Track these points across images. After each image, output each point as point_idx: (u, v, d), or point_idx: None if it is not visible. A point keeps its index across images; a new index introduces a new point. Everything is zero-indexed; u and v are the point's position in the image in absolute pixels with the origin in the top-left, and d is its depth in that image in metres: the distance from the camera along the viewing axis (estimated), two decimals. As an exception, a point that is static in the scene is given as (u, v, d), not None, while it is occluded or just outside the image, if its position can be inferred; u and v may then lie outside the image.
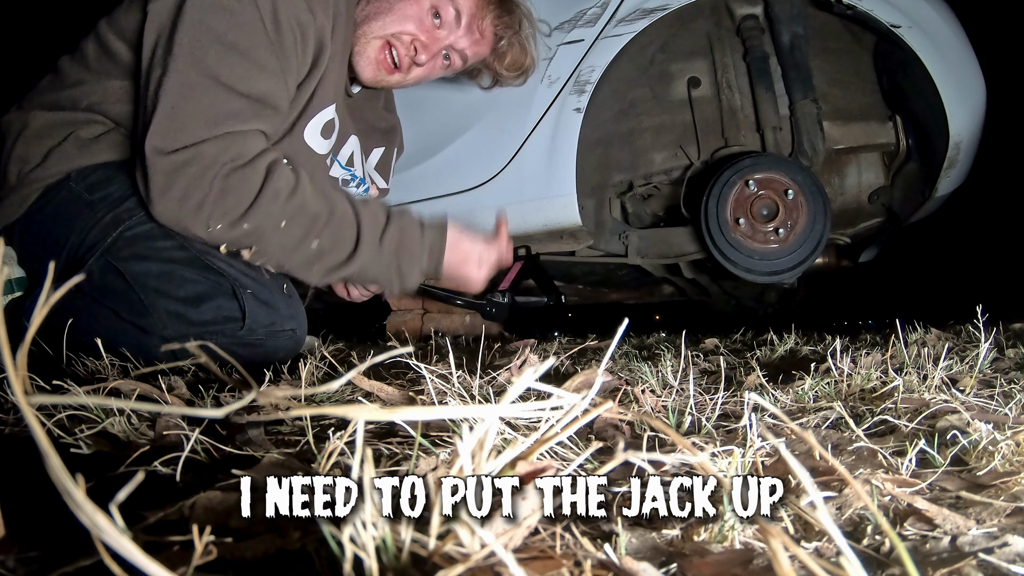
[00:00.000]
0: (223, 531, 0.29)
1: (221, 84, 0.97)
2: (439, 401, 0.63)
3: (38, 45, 2.92)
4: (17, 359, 0.23)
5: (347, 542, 0.24)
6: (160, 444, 0.51)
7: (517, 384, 0.28)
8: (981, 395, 0.71)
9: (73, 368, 0.90)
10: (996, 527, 0.37)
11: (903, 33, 1.56)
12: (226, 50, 0.97)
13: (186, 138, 0.96)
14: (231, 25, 0.97)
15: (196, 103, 0.96)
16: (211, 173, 0.98)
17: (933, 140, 1.68)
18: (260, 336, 1.09)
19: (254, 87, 1.00)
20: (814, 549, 0.35)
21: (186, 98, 0.96)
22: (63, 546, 0.30)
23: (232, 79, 0.98)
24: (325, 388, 0.27)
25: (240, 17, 0.97)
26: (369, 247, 1.12)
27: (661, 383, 0.79)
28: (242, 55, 0.98)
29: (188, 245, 1.07)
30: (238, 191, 1.01)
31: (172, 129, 0.96)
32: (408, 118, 1.75)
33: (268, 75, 1.01)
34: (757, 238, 1.64)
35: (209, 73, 0.96)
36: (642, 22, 1.63)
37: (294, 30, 1.02)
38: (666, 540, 0.36)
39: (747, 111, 1.80)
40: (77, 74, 1.13)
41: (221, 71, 0.97)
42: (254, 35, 0.98)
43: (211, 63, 0.96)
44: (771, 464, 0.47)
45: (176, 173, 0.97)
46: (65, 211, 1.11)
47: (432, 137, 1.79)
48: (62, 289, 0.25)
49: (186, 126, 0.96)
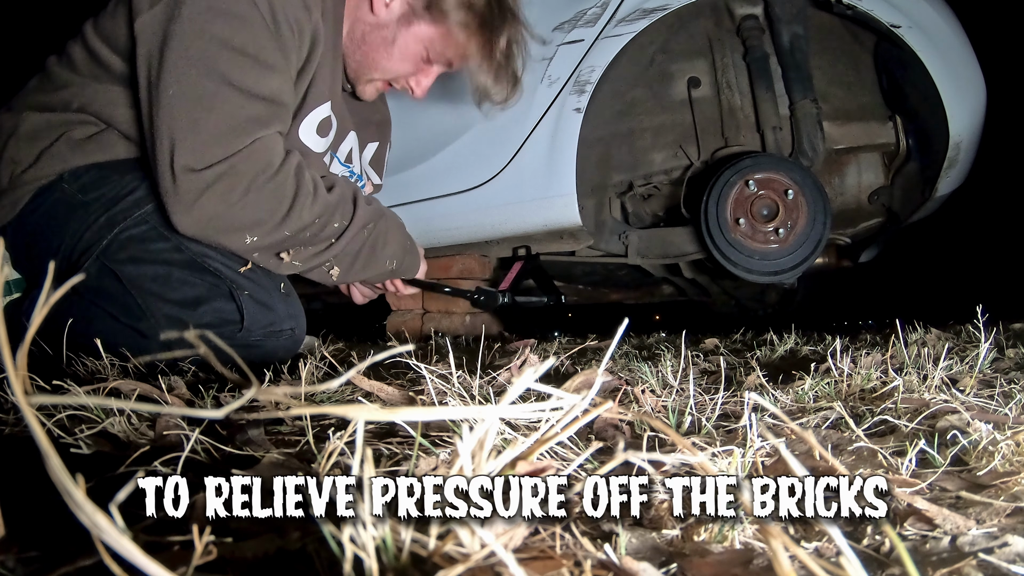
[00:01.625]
0: (223, 531, 0.29)
1: (237, 89, 0.97)
2: (439, 401, 0.63)
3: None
4: (17, 359, 0.23)
5: (347, 542, 0.24)
6: (160, 444, 0.51)
7: (517, 384, 0.28)
8: (981, 395, 0.71)
9: (73, 368, 0.90)
10: (996, 527, 0.37)
11: (903, 33, 1.56)
12: (236, 54, 0.96)
13: (217, 153, 0.96)
14: (235, 29, 0.96)
15: (218, 113, 0.96)
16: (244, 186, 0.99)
17: (933, 140, 1.68)
18: (259, 337, 1.09)
19: (267, 87, 1.00)
20: (814, 549, 0.35)
21: (206, 109, 0.95)
22: (63, 546, 0.30)
23: (247, 82, 0.98)
24: (325, 387, 0.27)
25: (241, 19, 0.97)
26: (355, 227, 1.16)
27: (661, 383, 0.79)
28: (251, 57, 0.98)
29: (184, 247, 1.07)
30: (274, 200, 1.02)
31: (199, 144, 0.95)
32: (408, 118, 1.75)
33: (276, 73, 1.02)
34: (757, 238, 1.64)
35: (224, 79, 0.96)
36: (642, 22, 1.63)
37: (292, 27, 1.02)
38: (666, 540, 0.36)
39: (747, 111, 1.80)
40: (66, 76, 1.12)
41: (235, 76, 0.96)
42: (258, 35, 0.98)
43: (224, 69, 0.96)
44: (771, 464, 0.47)
45: (210, 191, 0.97)
46: (58, 213, 1.10)
47: (432, 137, 1.79)
48: (62, 288, 0.25)
49: (214, 140, 0.96)
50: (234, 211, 1.00)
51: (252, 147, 1.00)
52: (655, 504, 0.37)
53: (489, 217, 1.79)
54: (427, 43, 1.21)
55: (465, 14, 1.16)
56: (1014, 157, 2.72)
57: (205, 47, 0.95)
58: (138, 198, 1.09)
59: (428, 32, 1.19)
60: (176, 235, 1.07)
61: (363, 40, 1.21)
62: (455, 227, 1.84)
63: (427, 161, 1.82)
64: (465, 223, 1.82)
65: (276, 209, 1.03)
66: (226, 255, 1.09)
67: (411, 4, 1.18)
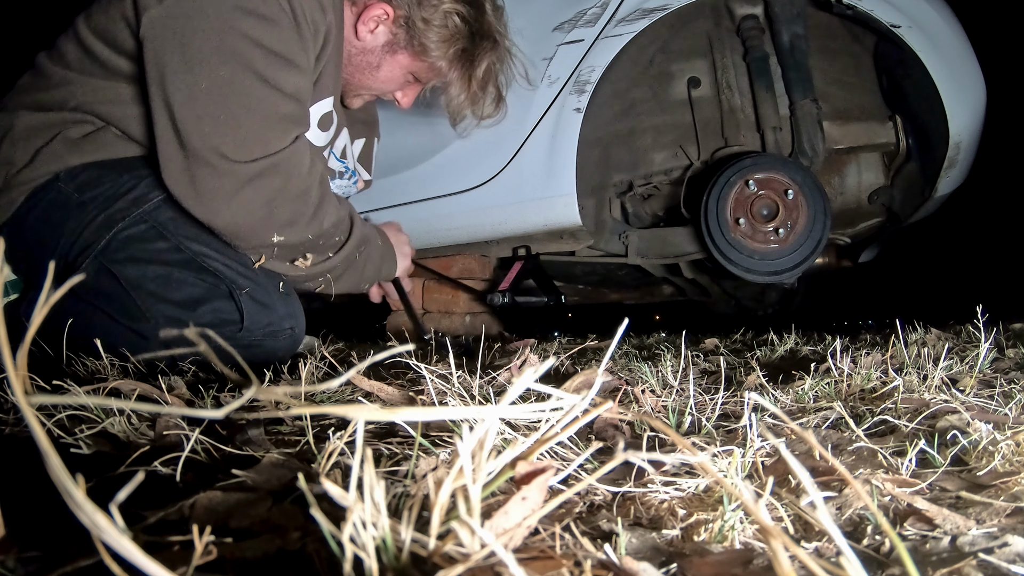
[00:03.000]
0: (223, 531, 0.29)
1: (272, 87, 0.99)
2: (439, 401, 0.63)
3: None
4: (17, 359, 0.23)
5: (347, 542, 0.24)
6: (160, 444, 0.51)
7: (517, 384, 0.28)
8: (981, 395, 0.71)
9: (73, 368, 0.90)
10: (996, 527, 0.37)
11: (903, 33, 1.55)
12: (267, 52, 0.98)
13: (259, 149, 0.99)
14: (265, 28, 0.98)
15: (256, 110, 0.98)
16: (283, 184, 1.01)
17: (933, 140, 1.67)
18: (258, 337, 1.09)
19: (294, 85, 1.03)
20: (814, 549, 0.35)
21: (244, 105, 0.97)
22: (63, 546, 0.30)
23: (279, 81, 1.00)
24: (325, 387, 0.27)
25: (269, 20, 0.98)
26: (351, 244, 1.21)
27: (661, 383, 0.79)
28: (280, 56, 1.00)
29: (184, 246, 1.07)
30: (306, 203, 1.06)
31: (241, 138, 0.97)
32: (407, 118, 1.75)
33: (301, 72, 1.04)
34: (757, 238, 1.64)
35: (260, 77, 0.98)
36: (642, 22, 1.63)
37: (310, 27, 1.04)
38: (666, 540, 0.36)
39: (747, 111, 1.80)
40: (60, 74, 1.11)
41: (269, 73, 0.99)
42: (285, 34, 1.00)
43: (259, 67, 0.98)
44: (771, 464, 0.47)
45: (251, 185, 0.99)
46: (55, 213, 1.09)
47: (432, 137, 1.78)
48: (63, 288, 0.25)
49: (255, 136, 0.98)
50: (272, 207, 1.02)
51: (294, 146, 1.03)
52: (655, 504, 0.37)
53: (489, 217, 1.79)
54: (411, 70, 1.26)
55: (446, 50, 1.20)
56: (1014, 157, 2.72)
57: (237, 44, 0.96)
58: (136, 197, 1.08)
59: (411, 63, 1.24)
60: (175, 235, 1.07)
61: (349, 61, 1.24)
62: (455, 227, 1.84)
63: (427, 161, 1.82)
64: (465, 223, 1.82)
65: (305, 211, 1.07)
66: (226, 255, 1.09)
67: (394, 34, 1.21)
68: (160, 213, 1.08)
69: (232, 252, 1.10)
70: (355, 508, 0.25)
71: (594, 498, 0.41)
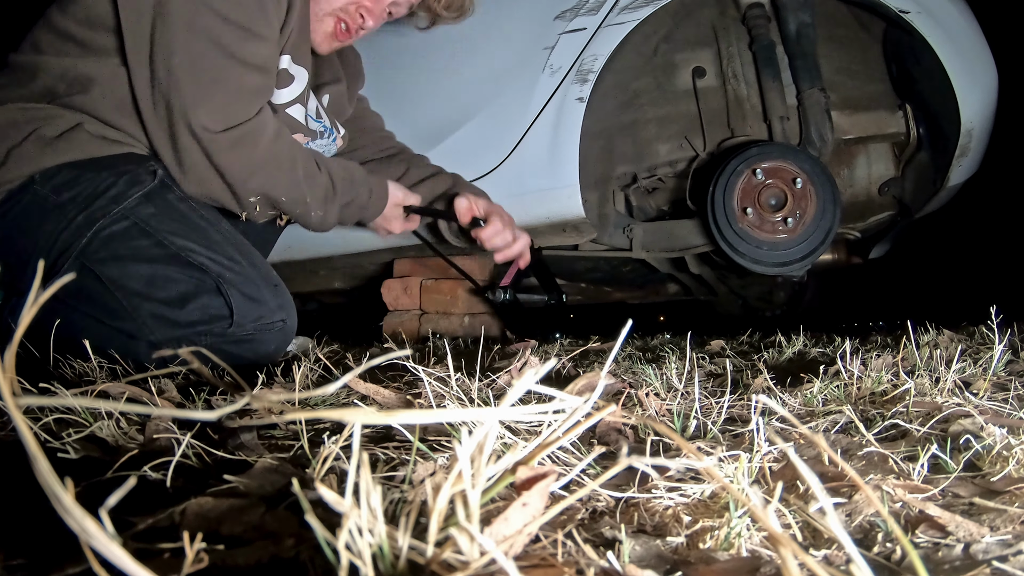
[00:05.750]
0: (215, 538, 0.29)
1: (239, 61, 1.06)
2: (437, 404, 0.62)
3: None
4: (5, 361, 0.23)
5: (343, 549, 0.24)
6: (150, 448, 0.51)
7: (517, 387, 0.27)
8: (995, 398, 0.69)
9: (60, 371, 0.89)
10: (1010, 534, 0.36)
11: (912, 19, 1.52)
12: (234, 27, 1.05)
13: (234, 117, 1.07)
14: (231, 4, 1.04)
15: (227, 84, 1.06)
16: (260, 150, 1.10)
17: (944, 128, 1.63)
18: (249, 331, 1.07)
19: (260, 57, 1.09)
20: (824, 557, 0.34)
21: (216, 80, 1.05)
22: (50, 553, 0.30)
23: (244, 54, 1.07)
24: (320, 391, 0.26)
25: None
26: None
27: (666, 386, 0.78)
28: (246, 30, 1.06)
29: (168, 242, 1.05)
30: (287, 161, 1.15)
31: (216, 108, 1.05)
32: (408, 109, 1.75)
33: (266, 43, 1.10)
34: (765, 228, 1.61)
35: (227, 52, 1.05)
36: (645, 10, 1.61)
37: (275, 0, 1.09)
38: (671, 547, 0.35)
39: (753, 101, 1.77)
40: (32, 61, 1.11)
41: (235, 48, 1.06)
42: (249, 9, 1.06)
43: (226, 42, 1.05)
44: (779, 469, 0.46)
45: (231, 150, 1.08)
46: (32, 216, 1.07)
47: (432, 128, 1.77)
48: (52, 288, 0.25)
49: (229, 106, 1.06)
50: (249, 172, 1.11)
51: (260, 114, 1.11)
52: (659, 510, 0.36)
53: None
54: None
55: None
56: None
57: (207, 21, 1.03)
58: (116, 194, 1.07)
59: None
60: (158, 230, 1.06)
61: None
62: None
63: (428, 152, 1.80)
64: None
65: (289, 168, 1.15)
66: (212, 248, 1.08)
67: None
68: (141, 209, 1.06)
69: (218, 245, 1.09)
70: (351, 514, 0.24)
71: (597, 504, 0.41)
